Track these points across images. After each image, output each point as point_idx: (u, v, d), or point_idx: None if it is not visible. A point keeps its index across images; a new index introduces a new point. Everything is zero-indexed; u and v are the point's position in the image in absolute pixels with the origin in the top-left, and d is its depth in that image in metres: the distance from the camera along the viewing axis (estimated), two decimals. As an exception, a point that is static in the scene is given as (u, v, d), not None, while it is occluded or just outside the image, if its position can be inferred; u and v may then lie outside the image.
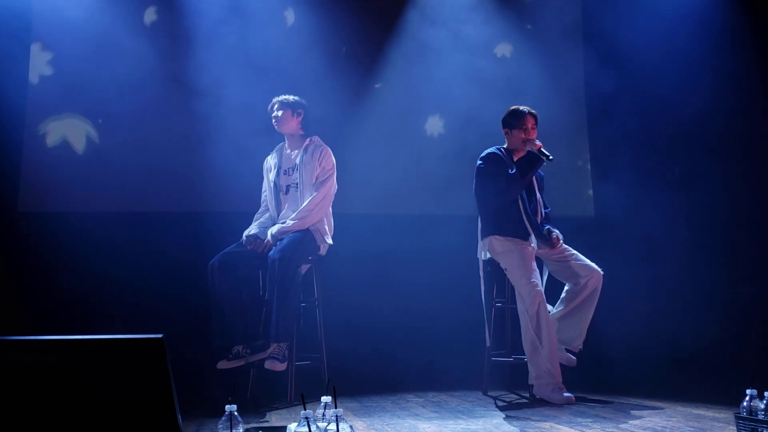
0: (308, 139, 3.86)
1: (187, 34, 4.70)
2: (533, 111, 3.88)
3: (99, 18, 4.53)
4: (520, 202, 3.82)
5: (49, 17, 4.51)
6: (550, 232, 3.85)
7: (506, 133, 3.91)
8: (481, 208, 3.93)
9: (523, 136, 3.82)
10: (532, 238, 3.79)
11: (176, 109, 4.64)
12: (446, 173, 4.94)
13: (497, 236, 3.80)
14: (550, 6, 5.21)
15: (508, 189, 3.77)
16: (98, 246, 4.32)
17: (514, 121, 3.86)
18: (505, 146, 3.95)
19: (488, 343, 3.94)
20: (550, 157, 3.71)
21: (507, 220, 3.80)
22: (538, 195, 3.95)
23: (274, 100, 3.86)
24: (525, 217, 3.80)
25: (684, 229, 4.75)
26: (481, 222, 3.95)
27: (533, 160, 3.78)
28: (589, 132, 5.22)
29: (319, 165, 3.79)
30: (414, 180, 4.94)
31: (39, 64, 4.51)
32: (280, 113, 3.81)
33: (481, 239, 3.94)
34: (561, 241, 3.85)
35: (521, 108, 3.87)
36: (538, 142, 3.77)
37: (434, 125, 5.05)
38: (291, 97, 3.84)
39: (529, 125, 3.84)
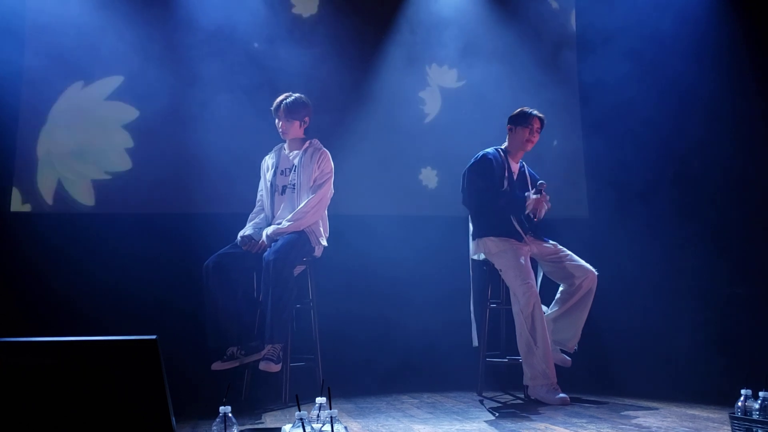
0: (308, 142, 3.85)
1: (184, 34, 4.68)
2: (542, 115, 3.91)
3: (94, 20, 4.51)
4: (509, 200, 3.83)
5: (44, 18, 4.49)
6: (540, 186, 3.83)
7: (510, 129, 3.92)
8: (472, 209, 3.93)
9: (527, 134, 3.84)
10: (523, 236, 3.79)
11: (170, 109, 4.63)
12: (440, 175, 4.95)
13: (492, 237, 3.81)
14: (544, 14, 5.22)
15: (493, 202, 3.79)
16: (91, 247, 4.30)
17: (521, 119, 3.88)
18: (503, 146, 3.95)
19: (475, 343, 3.93)
20: (534, 219, 3.78)
21: (500, 222, 3.80)
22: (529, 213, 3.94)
23: (280, 102, 3.78)
24: (515, 221, 3.81)
25: (678, 229, 4.76)
26: (473, 223, 3.96)
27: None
28: (584, 132, 5.23)
29: (318, 168, 3.78)
30: (408, 181, 4.94)
31: (34, 63, 4.48)
32: (288, 125, 3.79)
33: (473, 240, 3.94)
34: (545, 191, 3.81)
35: (531, 110, 3.90)
36: (543, 187, 3.78)
37: (431, 125, 5.05)
38: (299, 101, 3.78)
39: (535, 126, 3.87)
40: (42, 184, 4.46)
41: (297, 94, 3.81)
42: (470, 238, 3.99)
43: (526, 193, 3.80)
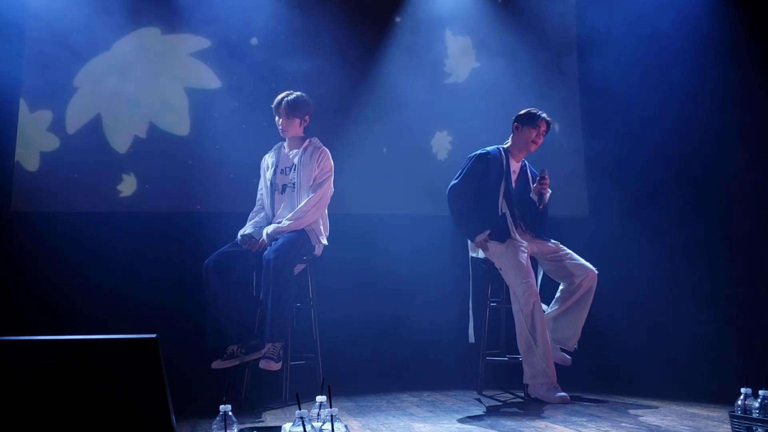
0: (308, 141, 3.84)
1: (184, 34, 4.68)
2: (549, 119, 3.91)
3: (92, 20, 4.51)
4: (506, 206, 3.82)
5: (44, 19, 4.48)
6: (541, 173, 3.85)
7: (516, 128, 3.91)
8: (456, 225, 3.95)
9: (533, 135, 3.84)
10: (515, 236, 3.78)
11: (169, 108, 4.63)
12: (441, 173, 4.94)
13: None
14: (545, 14, 5.22)
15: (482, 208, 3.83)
16: (91, 246, 4.30)
17: (529, 119, 3.87)
18: (506, 145, 3.95)
19: (471, 340, 3.93)
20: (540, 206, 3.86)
21: (491, 223, 3.80)
22: (533, 197, 3.94)
23: (281, 99, 3.78)
24: (510, 219, 3.81)
25: (678, 228, 4.76)
26: None
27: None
28: (584, 132, 5.23)
29: (318, 166, 3.78)
30: (409, 180, 4.93)
31: (33, 64, 4.48)
32: (288, 122, 3.78)
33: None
34: (547, 177, 3.84)
35: (540, 111, 3.89)
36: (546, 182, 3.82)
37: (429, 126, 5.04)
38: (300, 99, 3.77)
39: (542, 129, 3.86)
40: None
41: (298, 92, 3.81)
42: None
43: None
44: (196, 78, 4.69)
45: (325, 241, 3.83)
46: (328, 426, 1.97)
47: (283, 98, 3.79)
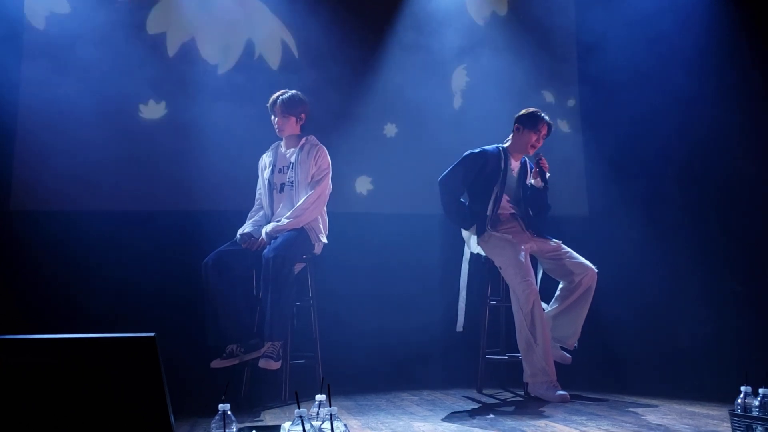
0: (304, 138, 3.84)
1: (184, 30, 4.68)
2: (551, 122, 3.90)
3: (93, 18, 4.51)
4: (493, 208, 3.83)
5: (42, 17, 4.48)
6: (537, 157, 3.85)
7: (517, 129, 3.90)
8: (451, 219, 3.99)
9: (533, 139, 3.83)
10: (492, 231, 3.79)
11: (169, 107, 4.62)
12: (440, 171, 4.93)
13: (493, 233, 3.81)
14: (546, 15, 5.21)
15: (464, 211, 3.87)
16: (90, 245, 4.29)
17: (530, 121, 3.86)
18: (506, 145, 3.94)
19: (459, 328, 3.93)
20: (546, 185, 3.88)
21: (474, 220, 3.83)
22: (532, 181, 3.94)
23: (276, 98, 3.78)
24: (489, 215, 3.82)
25: (679, 228, 4.75)
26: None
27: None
28: (583, 131, 5.23)
29: (315, 164, 3.77)
30: (408, 179, 4.93)
31: (31, 62, 4.47)
32: (284, 121, 3.78)
33: (477, 236, 3.93)
34: (543, 158, 3.85)
35: (542, 114, 3.88)
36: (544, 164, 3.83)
37: (429, 124, 5.04)
38: (296, 97, 3.78)
39: (543, 132, 3.86)
40: (42, 181, 4.42)
41: (293, 91, 3.81)
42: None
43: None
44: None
45: (324, 240, 3.83)
46: (327, 425, 1.96)
47: (278, 97, 3.79)
